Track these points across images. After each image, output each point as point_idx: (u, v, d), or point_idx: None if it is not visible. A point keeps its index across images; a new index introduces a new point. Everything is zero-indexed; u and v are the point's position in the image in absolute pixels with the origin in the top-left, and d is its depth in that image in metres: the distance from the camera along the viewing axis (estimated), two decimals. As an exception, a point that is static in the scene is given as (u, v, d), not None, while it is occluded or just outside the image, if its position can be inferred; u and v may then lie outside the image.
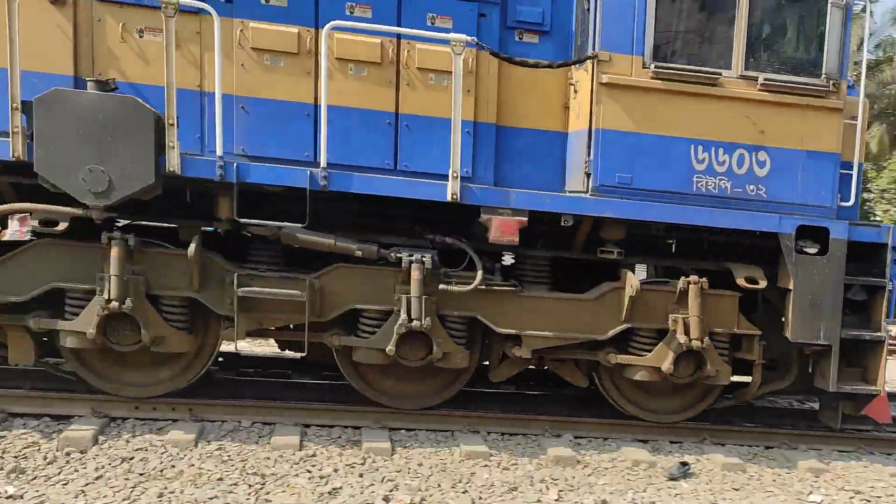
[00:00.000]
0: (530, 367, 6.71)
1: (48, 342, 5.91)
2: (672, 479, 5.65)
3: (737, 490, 5.59)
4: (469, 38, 5.63)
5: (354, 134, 5.91)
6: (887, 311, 6.45)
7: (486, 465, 5.55)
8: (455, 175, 5.67)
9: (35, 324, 5.52)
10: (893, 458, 6.72)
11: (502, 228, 5.75)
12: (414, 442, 5.88)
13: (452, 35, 5.62)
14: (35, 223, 5.33)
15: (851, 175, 6.33)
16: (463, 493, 5.00)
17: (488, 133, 6.16)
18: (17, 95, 5.16)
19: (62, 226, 5.36)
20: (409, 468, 5.35)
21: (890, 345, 6.81)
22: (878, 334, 6.41)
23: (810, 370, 6.71)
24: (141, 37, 5.68)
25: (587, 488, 5.29)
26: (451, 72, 5.89)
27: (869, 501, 5.60)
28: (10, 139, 5.16)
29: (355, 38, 5.82)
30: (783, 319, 6.40)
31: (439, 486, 5.08)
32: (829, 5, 5.94)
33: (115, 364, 5.96)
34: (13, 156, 5.16)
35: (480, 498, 4.94)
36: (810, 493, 5.64)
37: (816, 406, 7.44)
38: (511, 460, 5.70)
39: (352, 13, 5.89)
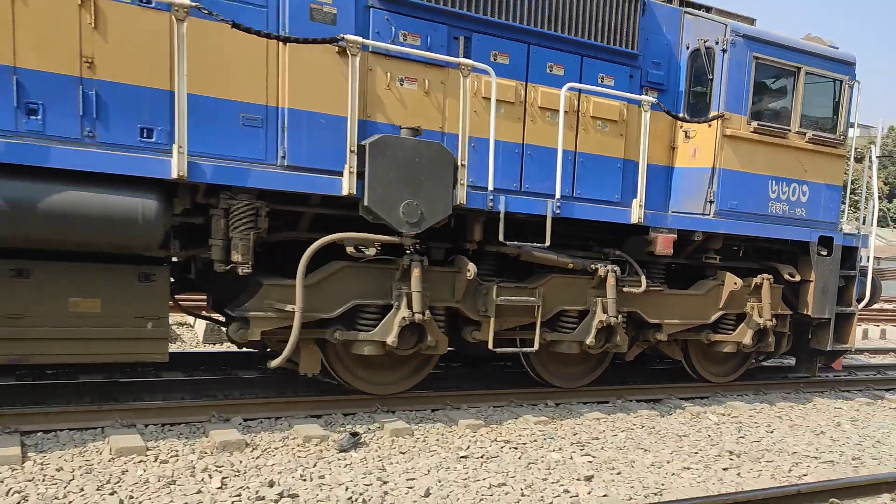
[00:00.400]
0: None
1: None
2: (343, 450, 5.66)
3: (404, 453, 5.76)
4: (653, 100, 7.39)
5: (550, 168, 7.32)
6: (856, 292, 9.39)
7: (141, 461, 5.15)
8: (640, 204, 7.39)
9: (340, 335, 6.26)
10: (538, 408, 7.40)
11: (664, 243, 7.59)
12: (53, 444, 5.34)
13: (644, 97, 7.35)
14: (351, 249, 6.08)
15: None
16: (111, 494, 4.57)
17: (629, 167, 7.92)
18: (354, 140, 5.92)
19: (372, 251, 6.18)
20: (45, 475, 4.79)
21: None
22: (852, 309, 9.31)
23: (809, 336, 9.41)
24: (402, 85, 6.59)
25: (255, 471, 5.12)
26: (612, 119, 7.63)
27: (516, 448, 6.12)
28: (345, 178, 5.91)
29: (552, 91, 7.24)
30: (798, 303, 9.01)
31: (82, 490, 4.59)
32: (844, 84, 8.60)
33: (366, 369, 6.83)
34: (347, 192, 5.92)
35: (131, 497, 4.56)
36: (468, 447, 6.05)
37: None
38: (171, 452, 5.37)
39: (550, 72, 7.31)
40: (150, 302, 5.64)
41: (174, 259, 6.17)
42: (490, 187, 6.64)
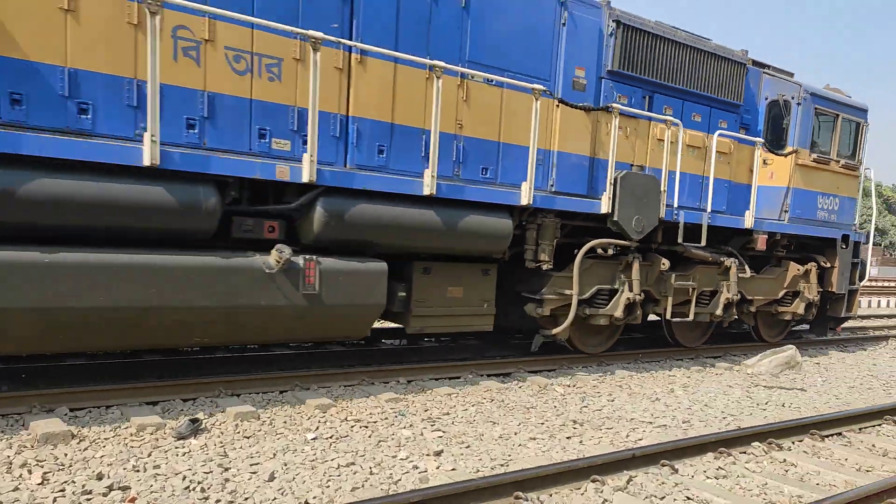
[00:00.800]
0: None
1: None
2: (181, 437, 5.43)
3: (248, 438, 5.56)
4: (762, 140, 10.39)
5: (693, 189, 10.18)
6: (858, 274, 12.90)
7: None
8: (752, 214, 10.39)
9: (590, 311, 8.88)
10: (388, 386, 7.51)
11: (762, 242, 10.66)
12: None
13: (758, 139, 10.33)
14: (600, 250, 8.71)
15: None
16: None
17: (731, 186, 10.90)
18: (612, 175, 8.54)
19: (611, 251, 8.82)
20: None
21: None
22: (856, 286, 12.80)
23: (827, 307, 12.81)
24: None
25: (82, 464, 4.81)
26: (724, 152, 10.59)
27: (367, 427, 6.06)
28: (604, 201, 8.55)
29: (695, 133, 10.09)
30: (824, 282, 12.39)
31: None
32: (861, 125, 11.99)
33: (586, 336, 9.48)
34: (605, 211, 8.55)
35: None
36: (317, 428, 5.87)
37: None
38: None
39: (693, 119, 10.15)
40: (487, 289, 8.05)
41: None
42: (675, 205, 9.43)
